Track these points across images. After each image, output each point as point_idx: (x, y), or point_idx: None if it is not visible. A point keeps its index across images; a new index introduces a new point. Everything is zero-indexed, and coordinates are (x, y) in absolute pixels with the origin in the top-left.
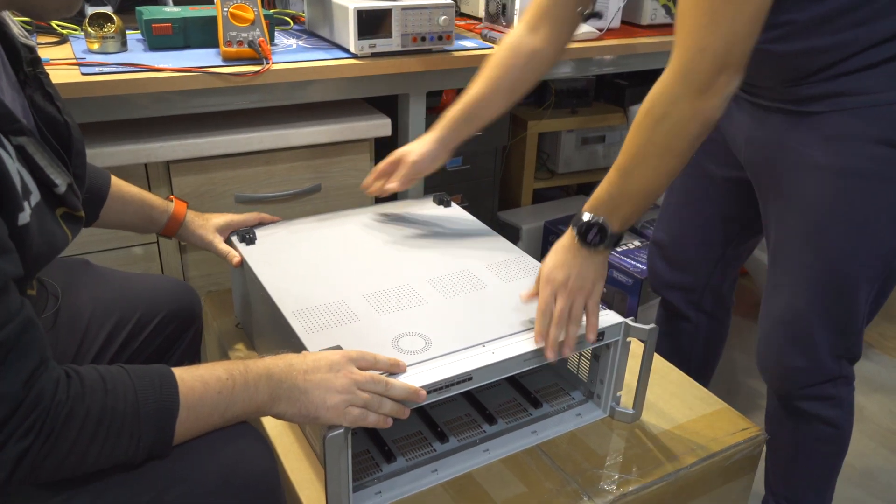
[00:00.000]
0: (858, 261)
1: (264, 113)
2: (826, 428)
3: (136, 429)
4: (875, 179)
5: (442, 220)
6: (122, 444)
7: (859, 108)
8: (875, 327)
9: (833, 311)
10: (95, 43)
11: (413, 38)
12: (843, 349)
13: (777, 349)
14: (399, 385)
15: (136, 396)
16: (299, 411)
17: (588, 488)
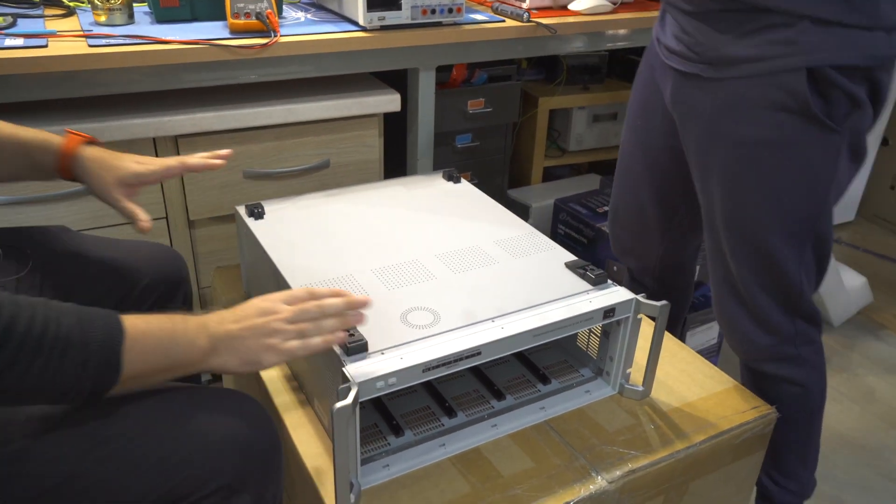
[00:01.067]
0: (773, 227)
1: (272, 87)
2: (791, 387)
3: (83, 351)
4: (775, 147)
5: (451, 196)
6: (68, 367)
7: (757, 76)
8: (888, 309)
9: (765, 274)
10: (102, 15)
11: (423, 10)
12: (791, 308)
13: (727, 314)
14: (333, 301)
15: (79, 319)
16: (241, 359)
17: (596, 464)
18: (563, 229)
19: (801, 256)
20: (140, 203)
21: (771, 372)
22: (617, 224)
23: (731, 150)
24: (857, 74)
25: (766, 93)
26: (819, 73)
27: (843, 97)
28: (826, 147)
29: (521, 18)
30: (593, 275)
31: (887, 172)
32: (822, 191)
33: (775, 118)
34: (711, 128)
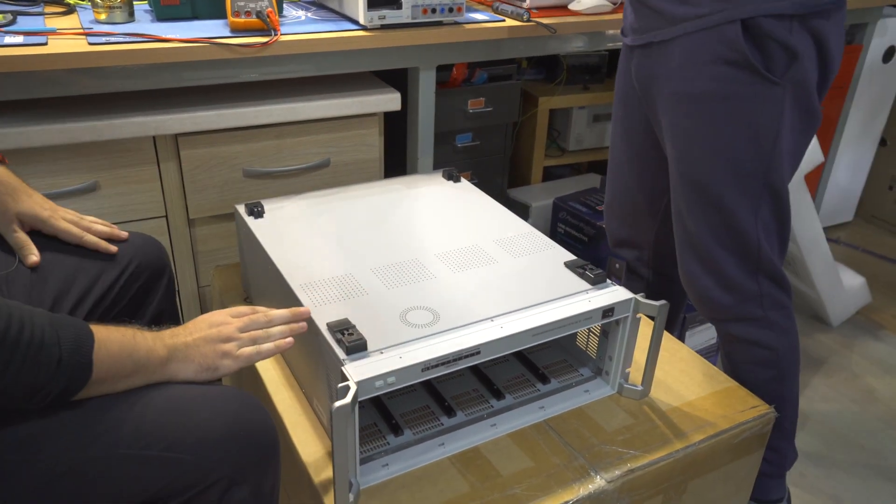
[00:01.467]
0: (723, 179)
1: (273, 86)
2: (759, 350)
3: (56, 349)
4: (719, 99)
5: (451, 196)
6: (42, 365)
7: (697, 31)
8: (887, 309)
9: (721, 230)
10: (103, 13)
11: (424, 9)
12: (752, 265)
13: (690, 272)
14: (278, 312)
15: (51, 320)
16: (198, 366)
17: (595, 464)
18: (562, 228)
19: (755, 210)
20: (140, 202)
21: (737, 333)
22: (611, 217)
23: (681, 106)
24: (795, 25)
25: (708, 48)
26: (753, 23)
27: (780, 49)
28: (768, 99)
29: (521, 18)
30: (592, 274)
31: (885, 173)
32: (767, 143)
33: (718, 72)
34: (665, 90)
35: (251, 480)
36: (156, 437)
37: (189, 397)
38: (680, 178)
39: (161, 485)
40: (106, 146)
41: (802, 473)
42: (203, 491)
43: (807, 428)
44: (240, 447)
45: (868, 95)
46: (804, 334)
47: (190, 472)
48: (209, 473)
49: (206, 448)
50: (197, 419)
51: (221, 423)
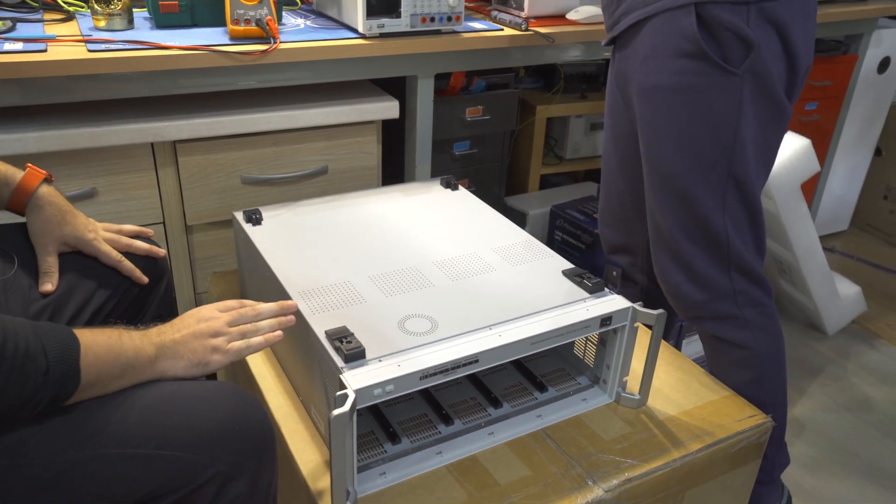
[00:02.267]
0: (687, 171)
1: (271, 93)
2: (736, 350)
3: (43, 359)
4: (679, 91)
5: (449, 203)
6: (29, 375)
7: (654, 25)
8: (882, 318)
9: (689, 223)
10: (102, 20)
11: (422, 18)
12: (723, 260)
13: (662, 268)
14: (266, 305)
15: (34, 330)
16: (188, 362)
17: (593, 472)
18: (559, 235)
19: (721, 202)
20: (137, 208)
21: (712, 332)
22: (605, 223)
23: (646, 100)
24: (752, 14)
25: (668, 42)
26: (706, 13)
27: (735, 39)
28: (726, 90)
29: (519, 27)
30: (590, 283)
31: (880, 182)
32: (727, 133)
33: (677, 64)
34: (634, 84)
35: (247, 476)
36: (147, 435)
37: (182, 394)
38: (649, 171)
39: (154, 483)
40: (104, 153)
41: (798, 482)
42: (198, 488)
43: (803, 437)
44: (235, 442)
45: (863, 105)
46: (800, 343)
47: (184, 470)
48: (204, 470)
49: (200, 444)
50: (191, 416)
51: (216, 419)
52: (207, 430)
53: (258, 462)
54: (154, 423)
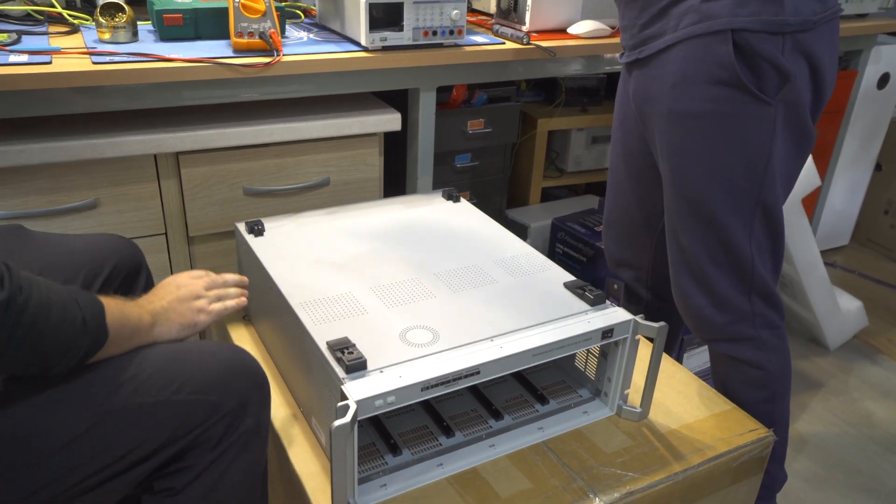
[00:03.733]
0: (717, 198)
1: (274, 105)
2: (751, 370)
3: (79, 311)
4: (712, 118)
5: (451, 215)
6: (70, 323)
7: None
8: (884, 333)
9: (715, 248)
10: (106, 33)
11: (424, 32)
12: (746, 285)
13: (683, 292)
14: (229, 275)
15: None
16: (180, 325)
17: (594, 485)
18: (561, 248)
19: (749, 229)
20: (139, 219)
21: (730, 353)
22: (609, 237)
23: (675, 124)
24: (787, 45)
25: (702, 68)
26: (743, 42)
27: (771, 69)
28: (760, 119)
29: (520, 41)
30: (592, 295)
31: (881, 197)
32: (760, 162)
33: (712, 92)
34: (660, 108)
35: (253, 412)
36: (165, 384)
37: (187, 349)
38: (675, 196)
39: (174, 426)
40: (107, 164)
41: (800, 497)
42: (212, 426)
43: (805, 452)
44: (239, 383)
45: (863, 121)
46: (801, 357)
47: (200, 410)
48: (216, 409)
49: (211, 386)
50: (198, 364)
51: (220, 365)
52: (215, 373)
53: (260, 400)
54: (169, 373)
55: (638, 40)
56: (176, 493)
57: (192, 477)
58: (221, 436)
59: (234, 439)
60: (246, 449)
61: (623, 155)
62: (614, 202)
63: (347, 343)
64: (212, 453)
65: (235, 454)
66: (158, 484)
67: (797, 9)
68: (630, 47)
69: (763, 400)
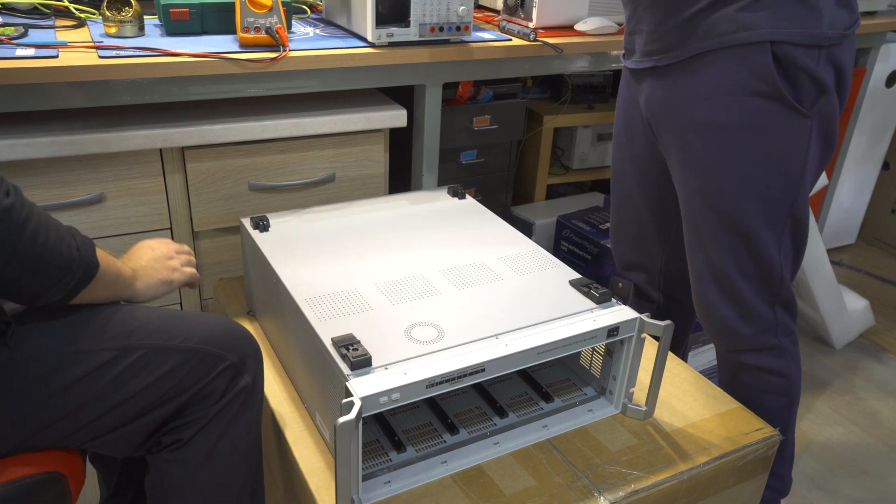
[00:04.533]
0: (751, 211)
1: (280, 101)
2: (774, 378)
3: (73, 237)
4: (750, 131)
5: (456, 212)
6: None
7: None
8: (889, 332)
9: (746, 260)
10: (113, 27)
11: (431, 28)
12: (772, 295)
13: (709, 303)
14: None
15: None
16: (158, 279)
17: (599, 484)
18: (566, 246)
19: (779, 240)
20: (144, 214)
21: (753, 363)
22: (618, 240)
23: (707, 137)
24: (822, 56)
25: (738, 79)
26: (783, 54)
27: (809, 81)
28: (798, 132)
29: (527, 37)
30: (597, 293)
31: (888, 196)
32: (795, 174)
33: (750, 104)
34: (688, 119)
35: (251, 370)
36: (174, 332)
37: (185, 312)
38: (704, 208)
39: (182, 374)
40: (113, 158)
41: (806, 497)
42: (215, 378)
43: (810, 451)
44: (239, 341)
45: (871, 119)
46: (807, 356)
47: (205, 361)
48: (219, 362)
49: (214, 339)
50: (201, 321)
51: (220, 326)
52: (217, 331)
53: (256, 360)
54: (176, 324)
55: (658, 46)
56: (183, 445)
57: (198, 429)
58: (224, 389)
59: (235, 394)
60: (246, 406)
61: (631, 159)
62: (624, 206)
63: (352, 339)
64: (216, 406)
65: (237, 410)
66: (166, 439)
67: (832, 22)
68: (646, 53)
69: (784, 406)
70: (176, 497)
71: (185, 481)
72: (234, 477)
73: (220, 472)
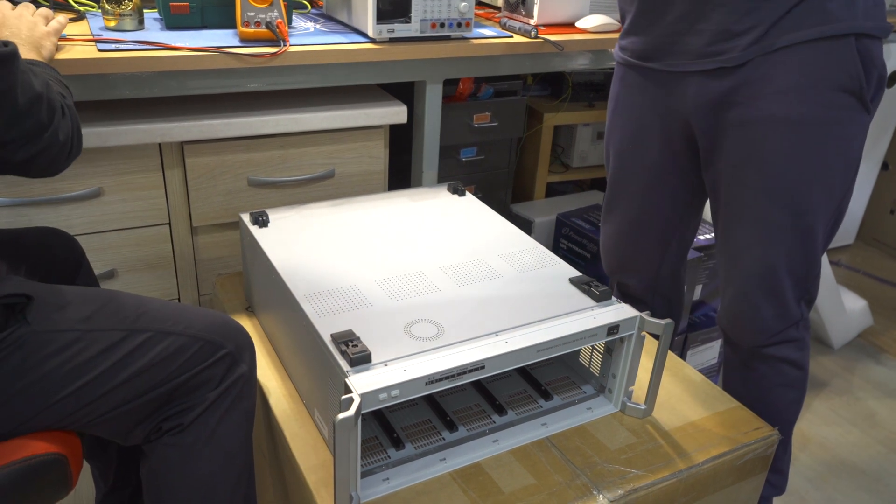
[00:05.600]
0: (818, 208)
1: (280, 96)
2: (792, 370)
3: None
4: (827, 126)
5: (456, 209)
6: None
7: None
8: (888, 332)
9: (798, 259)
10: (112, 20)
11: (432, 24)
12: (806, 293)
13: (751, 304)
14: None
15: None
16: (49, 49)
17: (598, 482)
18: (565, 244)
19: (826, 238)
20: (143, 209)
21: (775, 354)
22: (615, 246)
23: (783, 132)
24: (882, 52)
25: (822, 73)
26: (862, 47)
27: (876, 76)
28: (862, 126)
29: (528, 34)
30: (598, 291)
31: (887, 196)
32: (853, 170)
33: (832, 98)
34: (760, 114)
35: (246, 360)
36: (177, 319)
37: (186, 305)
38: (769, 206)
39: (183, 359)
40: (111, 152)
41: (803, 497)
42: (212, 364)
43: (808, 451)
44: (235, 332)
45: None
46: None
47: (204, 348)
48: (217, 350)
49: (213, 328)
50: (201, 313)
51: (218, 317)
52: (215, 322)
53: (251, 354)
54: (178, 314)
55: (731, 44)
56: (183, 429)
57: (198, 413)
58: (223, 375)
59: (232, 381)
60: (242, 395)
61: (644, 169)
62: (626, 213)
63: (352, 336)
64: (215, 391)
65: (234, 397)
66: (167, 424)
67: (884, 15)
68: (708, 53)
69: (796, 400)
70: (174, 484)
71: (185, 466)
72: (233, 464)
73: (219, 457)
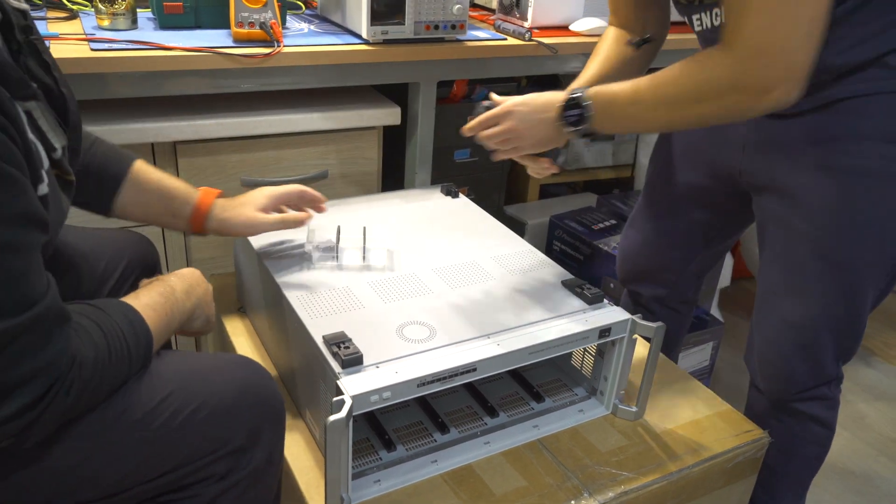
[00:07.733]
0: (868, 266)
1: (273, 97)
2: (819, 429)
3: (128, 365)
4: (884, 179)
5: (449, 211)
6: (122, 373)
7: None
8: (878, 336)
9: (842, 316)
10: (105, 19)
11: (426, 26)
12: (844, 352)
13: (783, 355)
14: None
15: (124, 336)
16: (207, 314)
17: (589, 484)
18: (558, 246)
19: (876, 297)
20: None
21: (804, 410)
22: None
23: (839, 182)
24: None
25: (885, 126)
26: None
27: None
28: None
29: (522, 37)
30: (590, 294)
31: None
32: None
33: (886, 150)
34: (816, 162)
35: (265, 444)
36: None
37: (199, 367)
38: (813, 257)
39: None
40: None
41: None
42: (217, 460)
43: None
44: (252, 412)
45: None
46: None
47: (205, 444)
48: (225, 443)
49: (219, 418)
50: (210, 388)
51: (231, 392)
52: (224, 403)
53: (274, 431)
54: (177, 401)
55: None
56: None
57: None
58: (227, 471)
59: (242, 475)
60: (257, 483)
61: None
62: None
63: (344, 338)
64: (217, 486)
65: (244, 488)
66: None
67: None
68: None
69: (818, 456)
70: None
71: None
72: None
73: None
